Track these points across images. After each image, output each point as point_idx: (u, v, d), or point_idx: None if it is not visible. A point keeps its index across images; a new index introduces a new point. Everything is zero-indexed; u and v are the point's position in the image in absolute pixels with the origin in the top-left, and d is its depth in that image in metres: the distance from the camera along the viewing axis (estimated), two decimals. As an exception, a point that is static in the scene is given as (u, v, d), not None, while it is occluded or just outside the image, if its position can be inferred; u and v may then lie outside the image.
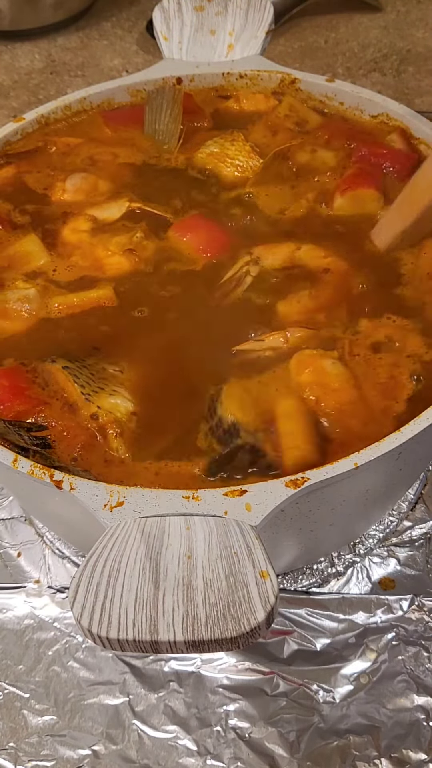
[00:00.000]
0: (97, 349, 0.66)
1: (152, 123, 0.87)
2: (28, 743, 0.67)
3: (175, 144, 0.84)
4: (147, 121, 0.87)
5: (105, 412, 0.60)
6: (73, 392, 0.61)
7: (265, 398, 0.61)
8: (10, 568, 0.78)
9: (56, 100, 0.90)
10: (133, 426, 0.60)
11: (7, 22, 1.49)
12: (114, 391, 0.62)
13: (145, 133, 0.87)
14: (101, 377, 0.63)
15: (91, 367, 0.64)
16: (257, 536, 0.48)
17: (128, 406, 0.61)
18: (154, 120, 0.87)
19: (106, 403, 0.61)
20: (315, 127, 0.86)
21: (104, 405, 0.60)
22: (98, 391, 0.62)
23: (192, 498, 0.52)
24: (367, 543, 0.77)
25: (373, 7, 1.56)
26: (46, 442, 0.58)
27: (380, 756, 0.65)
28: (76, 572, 0.47)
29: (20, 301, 0.70)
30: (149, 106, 0.88)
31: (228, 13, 0.93)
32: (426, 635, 0.71)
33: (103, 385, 0.62)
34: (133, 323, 0.68)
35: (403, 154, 0.80)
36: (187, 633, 0.43)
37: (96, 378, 0.63)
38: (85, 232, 0.76)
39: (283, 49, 1.48)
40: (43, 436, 0.58)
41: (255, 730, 0.67)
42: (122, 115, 0.90)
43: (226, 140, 0.83)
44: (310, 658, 0.70)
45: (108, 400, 0.61)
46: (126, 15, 1.62)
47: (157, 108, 0.87)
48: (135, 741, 0.67)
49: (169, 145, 0.85)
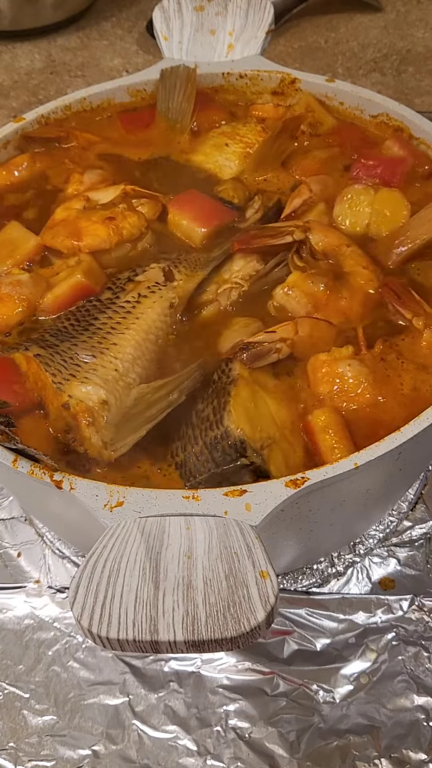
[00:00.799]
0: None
1: (165, 101, 0.88)
2: (28, 743, 0.67)
3: (187, 123, 0.85)
4: (160, 100, 0.88)
5: (76, 401, 0.59)
6: (46, 380, 0.61)
7: (280, 407, 0.60)
8: (10, 568, 0.78)
9: (56, 100, 0.90)
10: (105, 414, 0.59)
11: (7, 22, 1.49)
12: (86, 378, 0.61)
13: (158, 111, 0.88)
14: (74, 363, 0.62)
15: (63, 354, 0.62)
16: (257, 536, 0.48)
17: (100, 394, 0.60)
18: (167, 98, 0.88)
19: (78, 392, 0.59)
20: (326, 132, 0.86)
21: (75, 393, 0.59)
22: (70, 379, 0.60)
23: (192, 498, 0.52)
24: (367, 543, 0.77)
25: (373, 7, 1.56)
26: (9, 420, 0.57)
27: (380, 756, 0.65)
28: (76, 572, 0.47)
29: (12, 285, 0.69)
30: (162, 85, 0.89)
31: (228, 13, 0.93)
32: (426, 635, 0.71)
33: (74, 372, 0.61)
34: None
35: (395, 161, 0.79)
36: (187, 633, 0.43)
37: (68, 365, 0.62)
38: (76, 209, 0.76)
39: (283, 49, 1.48)
40: (6, 414, 0.57)
41: (255, 730, 0.67)
42: (139, 118, 0.91)
43: (239, 122, 0.86)
44: (310, 658, 0.70)
45: (79, 389, 0.60)
46: (126, 15, 1.62)
47: (171, 87, 0.88)
48: (135, 741, 0.67)
49: (182, 123, 0.86)
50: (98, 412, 0.59)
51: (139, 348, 0.64)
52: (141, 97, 0.92)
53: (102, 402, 0.59)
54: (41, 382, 0.62)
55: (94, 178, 0.82)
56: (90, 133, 0.88)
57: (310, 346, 0.64)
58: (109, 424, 0.59)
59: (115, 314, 0.66)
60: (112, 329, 0.65)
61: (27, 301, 0.69)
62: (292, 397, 0.62)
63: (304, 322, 0.64)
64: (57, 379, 0.60)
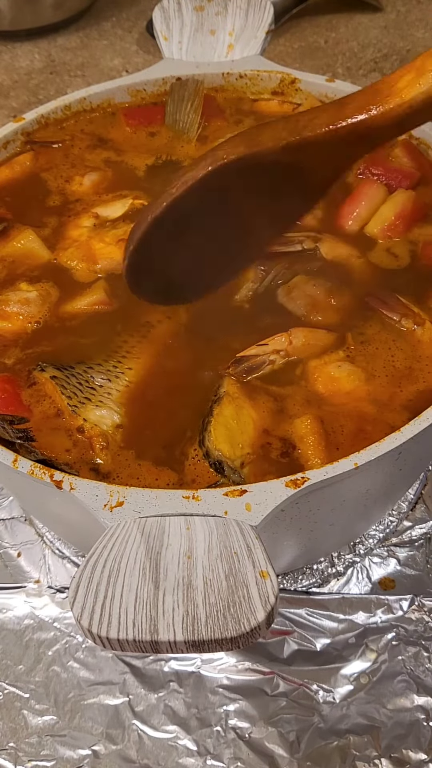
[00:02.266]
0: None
1: (173, 113, 0.88)
2: (28, 743, 0.67)
3: (194, 134, 0.86)
4: (168, 112, 0.89)
5: (91, 425, 0.60)
6: (61, 403, 0.61)
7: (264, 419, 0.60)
8: (10, 568, 0.78)
9: (56, 100, 0.90)
10: (119, 438, 0.60)
11: (7, 22, 1.49)
12: (100, 402, 0.62)
13: (165, 123, 0.88)
14: (89, 387, 0.63)
15: (79, 376, 0.63)
16: (257, 536, 0.48)
17: (114, 419, 0.61)
18: (175, 110, 0.88)
19: (93, 416, 0.60)
20: None
21: (90, 417, 0.60)
22: (85, 403, 0.61)
23: (192, 498, 0.52)
24: (367, 543, 0.77)
25: (373, 7, 1.56)
26: (29, 434, 0.58)
27: (380, 756, 0.65)
28: (76, 572, 0.47)
29: (20, 303, 0.69)
30: (171, 98, 0.89)
31: (228, 13, 0.93)
32: (426, 635, 0.71)
33: (90, 396, 0.62)
34: (132, 328, 0.68)
35: (402, 174, 0.79)
36: (187, 633, 0.43)
37: (84, 387, 0.62)
38: (87, 227, 0.76)
39: (283, 49, 1.48)
40: (25, 429, 0.58)
41: (255, 730, 0.67)
42: (143, 113, 0.91)
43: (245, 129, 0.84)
44: (310, 658, 0.70)
45: (94, 413, 0.61)
46: (126, 15, 1.62)
47: (179, 99, 0.89)
48: (135, 741, 0.67)
49: (189, 134, 0.87)
50: (112, 437, 0.60)
51: (153, 373, 0.65)
52: (141, 97, 0.92)
53: (116, 426, 0.60)
54: (55, 405, 0.62)
55: (94, 179, 0.82)
56: (92, 132, 0.89)
57: (307, 353, 0.64)
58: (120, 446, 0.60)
59: (130, 338, 0.67)
60: (127, 353, 0.66)
61: (34, 318, 0.69)
62: (278, 408, 0.62)
63: (298, 331, 0.65)
64: (73, 402, 0.61)
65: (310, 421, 0.59)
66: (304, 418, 0.59)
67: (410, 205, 0.74)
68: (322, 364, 0.63)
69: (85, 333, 0.68)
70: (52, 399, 0.62)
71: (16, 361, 0.66)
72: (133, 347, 0.66)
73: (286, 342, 0.64)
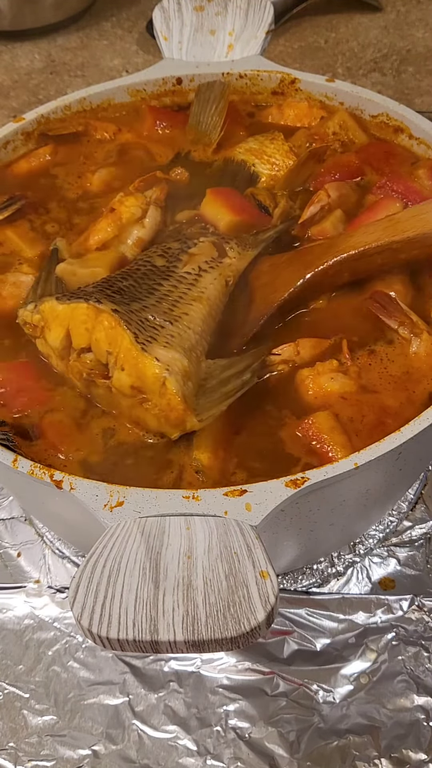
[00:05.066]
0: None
1: (198, 114, 0.88)
2: (28, 743, 0.67)
3: (216, 136, 0.86)
4: (193, 112, 0.89)
5: (164, 365, 0.55)
6: (121, 343, 0.56)
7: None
8: (10, 568, 0.78)
9: (56, 100, 0.90)
10: (190, 383, 0.56)
11: (7, 22, 1.49)
12: (167, 344, 0.56)
13: (189, 123, 0.88)
14: (151, 326, 0.57)
15: (138, 314, 0.57)
16: (257, 536, 0.48)
17: (184, 362, 0.56)
18: (200, 111, 0.88)
19: (163, 356, 0.55)
20: (354, 150, 0.84)
21: (162, 357, 0.55)
22: (151, 342, 0.56)
23: (192, 498, 0.52)
24: (367, 543, 0.77)
25: (373, 7, 1.56)
26: (10, 437, 0.57)
27: (380, 756, 0.65)
28: (76, 572, 0.47)
29: (15, 285, 0.69)
30: (197, 98, 0.89)
31: (228, 13, 0.93)
32: (426, 635, 0.71)
33: (154, 335, 0.56)
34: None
35: (421, 194, 0.77)
36: (187, 633, 0.43)
37: (146, 326, 0.57)
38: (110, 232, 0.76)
39: (283, 49, 1.48)
40: (6, 432, 0.57)
41: (255, 730, 0.67)
42: (170, 116, 0.91)
43: (266, 138, 0.84)
44: (310, 658, 0.70)
45: (164, 353, 0.55)
46: (126, 15, 1.62)
47: (205, 100, 0.88)
48: (135, 741, 0.67)
49: (210, 137, 0.86)
50: (185, 379, 0.56)
51: (205, 322, 0.62)
52: (141, 97, 0.92)
53: (185, 370, 0.56)
54: (110, 344, 0.57)
55: (104, 177, 0.82)
56: (113, 124, 0.89)
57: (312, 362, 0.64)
58: (191, 393, 0.56)
59: (179, 284, 0.63)
60: (179, 298, 0.62)
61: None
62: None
63: (305, 341, 0.65)
64: (140, 338, 0.55)
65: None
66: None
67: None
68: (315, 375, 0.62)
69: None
70: (110, 340, 0.57)
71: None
72: (184, 293, 0.63)
73: (293, 352, 0.64)
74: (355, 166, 0.80)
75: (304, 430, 0.59)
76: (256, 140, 0.84)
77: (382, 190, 0.77)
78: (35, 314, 0.61)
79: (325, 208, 0.75)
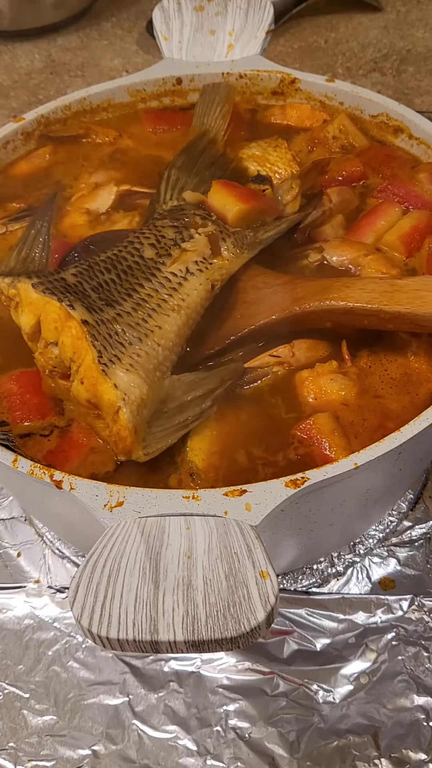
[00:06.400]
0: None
1: (201, 116, 0.88)
2: (28, 743, 0.67)
3: (220, 139, 0.85)
4: (197, 114, 0.88)
5: (121, 394, 0.54)
6: (84, 354, 0.55)
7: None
8: (10, 568, 0.78)
9: (56, 100, 0.90)
10: (144, 411, 0.56)
11: (7, 22, 1.49)
12: (130, 366, 0.55)
13: (193, 125, 0.88)
14: (119, 342, 0.56)
15: (108, 325, 0.56)
16: (257, 536, 0.48)
17: (143, 390, 0.55)
18: (204, 113, 0.87)
19: (122, 381, 0.54)
20: (356, 154, 0.84)
21: (120, 383, 0.54)
22: (115, 362, 0.55)
23: (192, 498, 0.52)
24: (367, 543, 0.77)
25: (373, 7, 1.56)
26: (10, 437, 0.57)
27: (380, 756, 0.65)
28: (76, 572, 0.47)
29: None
30: (202, 99, 0.89)
31: (228, 13, 0.93)
32: (426, 635, 0.71)
33: (120, 353, 0.55)
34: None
35: (421, 199, 0.77)
36: (187, 633, 0.43)
37: (113, 342, 0.56)
38: (83, 225, 0.76)
39: (283, 49, 1.48)
40: (7, 432, 0.57)
41: (255, 730, 0.67)
42: (166, 118, 0.91)
43: (270, 145, 0.83)
44: (310, 658, 0.70)
45: (123, 378, 0.54)
46: (126, 15, 1.62)
47: (210, 102, 0.88)
48: (135, 741, 0.67)
49: (215, 139, 0.86)
50: (140, 408, 0.56)
51: (179, 334, 0.61)
52: (141, 97, 0.92)
53: (142, 398, 0.56)
54: (74, 353, 0.56)
55: (100, 178, 0.82)
56: (111, 128, 0.89)
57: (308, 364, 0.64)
58: (143, 423, 0.56)
59: (162, 287, 0.63)
60: (157, 306, 0.61)
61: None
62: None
63: (300, 343, 0.65)
64: (104, 358, 0.55)
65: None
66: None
67: (424, 221, 0.74)
68: (314, 376, 0.62)
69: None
70: (75, 349, 0.56)
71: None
72: (163, 300, 0.62)
73: (289, 353, 0.64)
74: (358, 171, 0.80)
75: (304, 430, 0.59)
76: (259, 146, 0.83)
77: (383, 193, 0.77)
78: (11, 288, 0.60)
79: (326, 212, 0.75)
